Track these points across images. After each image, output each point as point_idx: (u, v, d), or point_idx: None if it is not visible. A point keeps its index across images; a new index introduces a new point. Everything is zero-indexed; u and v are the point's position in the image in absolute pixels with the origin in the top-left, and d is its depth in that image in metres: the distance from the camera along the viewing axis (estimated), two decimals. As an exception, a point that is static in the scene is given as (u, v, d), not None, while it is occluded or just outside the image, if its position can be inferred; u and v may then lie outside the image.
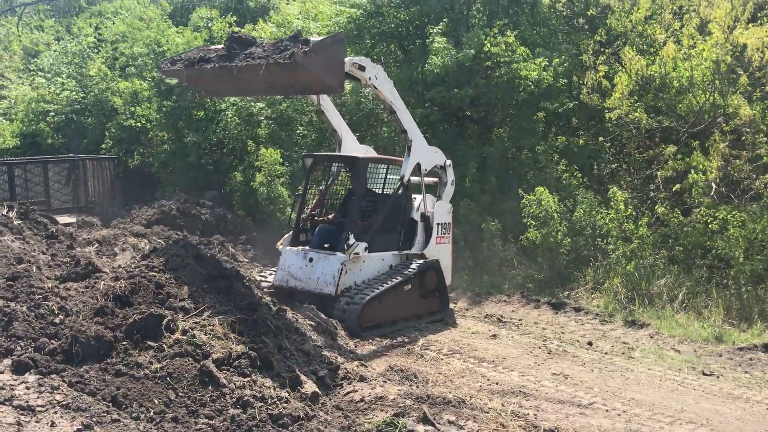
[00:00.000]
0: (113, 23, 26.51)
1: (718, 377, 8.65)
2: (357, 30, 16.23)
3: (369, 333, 9.68)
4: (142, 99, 20.63)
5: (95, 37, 26.93)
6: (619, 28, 14.62)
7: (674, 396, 7.98)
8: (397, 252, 10.91)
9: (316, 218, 11.45)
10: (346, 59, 8.95)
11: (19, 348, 6.00)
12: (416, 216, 11.31)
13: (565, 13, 15.59)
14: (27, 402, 5.14)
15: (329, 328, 8.94)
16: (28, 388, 5.36)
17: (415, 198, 11.38)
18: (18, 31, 35.02)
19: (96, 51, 25.92)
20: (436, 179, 11.79)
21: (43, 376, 5.60)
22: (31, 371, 5.66)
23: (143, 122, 20.57)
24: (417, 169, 10.78)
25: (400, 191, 10.63)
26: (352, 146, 11.66)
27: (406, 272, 10.51)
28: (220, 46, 8.97)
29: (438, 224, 11.39)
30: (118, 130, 21.51)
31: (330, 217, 11.42)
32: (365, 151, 11.80)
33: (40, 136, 23.23)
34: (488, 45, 14.47)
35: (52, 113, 23.51)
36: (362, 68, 9.65)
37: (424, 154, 10.93)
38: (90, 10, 35.35)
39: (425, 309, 10.88)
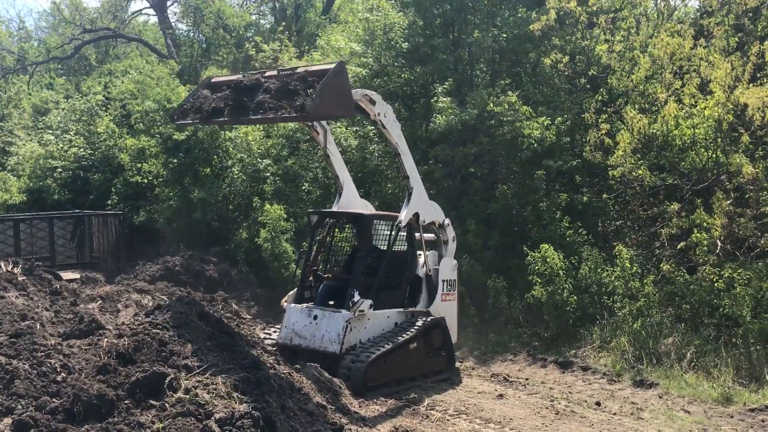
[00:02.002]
0: (122, 81, 27.03)
1: (730, 439, 8.47)
2: (363, 88, 16.51)
3: (374, 392, 9.53)
4: (149, 155, 20.88)
5: (104, 95, 27.43)
6: (620, 88, 14.83)
7: (686, 459, 7.80)
8: (402, 309, 10.83)
9: (320, 274, 11.40)
10: (358, 90, 9.10)
11: (20, 407, 5.91)
12: (421, 273, 11.27)
13: (566, 73, 15.85)
14: (26, 463, 5.05)
15: (333, 387, 8.81)
16: (27, 448, 5.27)
17: (419, 255, 11.36)
18: (29, 89, 35.70)
19: (104, 109, 26.37)
20: (433, 236, 11.75)
21: (43, 436, 5.51)
22: (32, 431, 5.57)
23: (150, 179, 20.75)
24: (416, 220, 10.79)
25: (398, 235, 10.62)
26: (351, 196, 11.64)
27: (411, 330, 10.40)
28: (225, 86, 8.88)
29: (443, 281, 11.33)
30: (125, 186, 21.71)
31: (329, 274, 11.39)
32: (365, 206, 11.82)
33: (47, 192, 23.43)
34: (491, 104, 14.67)
35: (60, 169, 23.76)
36: (372, 102, 9.77)
37: (424, 205, 10.96)
38: (100, 69, 36.10)
39: (431, 368, 10.74)
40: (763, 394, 9.96)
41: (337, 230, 12.01)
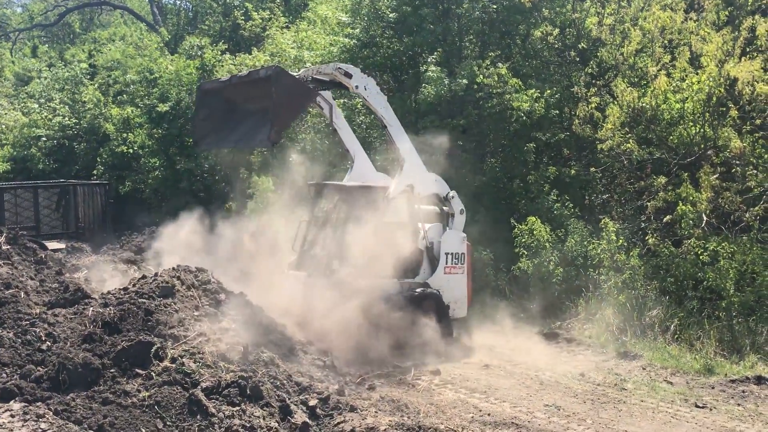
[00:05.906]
0: (109, 49, 26.66)
1: (711, 410, 8.58)
2: (351, 60, 16.30)
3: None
4: (135, 125, 20.66)
5: (89, 64, 27.06)
6: (610, 61, 14.77)
7: (667, 428, 7.90)
8: (396, 280, 10.73)
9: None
10: (330, 64, 9.20)
11: (4, 375, 5.90)
12: (421, 245, 11.11)
13: (556, 46, 15.76)
14: (11, 431, 5.04)
15: (322, 357, 8.84)
16: (12, 416, 5.26)
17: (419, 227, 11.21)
18: (12, 56, 35.14)
19: (90, 77, 26.02)
20: (435, 208, 11.57)
21: (29, 404, 5.50)
22: (17, 399, 5.56)
23: (135, 148, 20.56)
24: (411, 191, 10.68)
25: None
26: (365, 169, 11.36)
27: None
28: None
29: (447, 254, 11.14)
30: (110, 156, 21.52)
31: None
32: (382, 179, 11.32)
33: (31, 161, 23.19)
34: (480, 76, 14.57)
35: (44, 138, 23.50)
36: (348, 75, 9.63)
37: (420, 176, 10.80)
38: (84, 37, 35.55)
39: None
40: (744, 366, 10.11)
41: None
